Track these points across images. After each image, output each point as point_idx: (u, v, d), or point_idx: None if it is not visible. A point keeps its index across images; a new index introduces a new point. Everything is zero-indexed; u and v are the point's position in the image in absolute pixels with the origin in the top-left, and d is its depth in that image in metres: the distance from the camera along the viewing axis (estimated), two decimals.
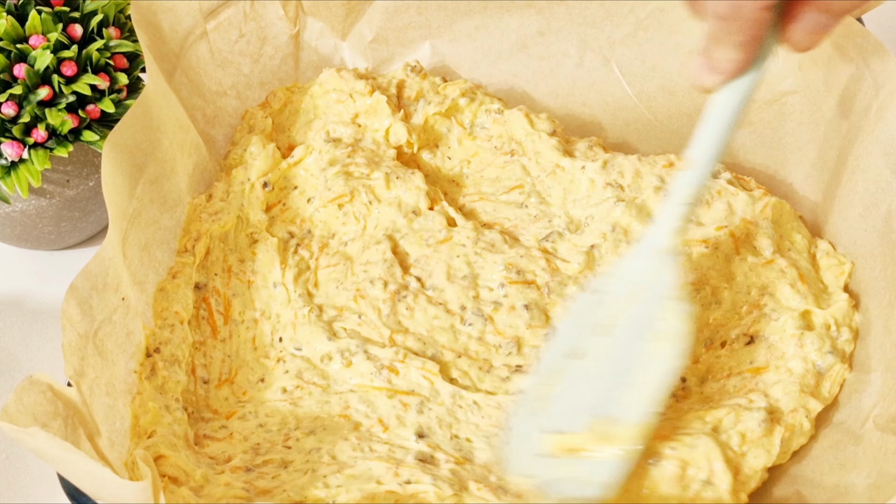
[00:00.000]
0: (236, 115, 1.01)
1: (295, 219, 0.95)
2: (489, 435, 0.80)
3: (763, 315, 0.82)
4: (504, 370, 0.84)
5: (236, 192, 0.93)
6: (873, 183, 0.83)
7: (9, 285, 1.01)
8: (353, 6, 1.04)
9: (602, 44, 1.04)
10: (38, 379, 0.68)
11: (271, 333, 0.87)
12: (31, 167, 0.88)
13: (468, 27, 1.06)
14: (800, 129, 0.96)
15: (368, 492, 0.74)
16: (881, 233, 0.82)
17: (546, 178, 0.95)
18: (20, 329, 0.98)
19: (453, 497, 0.74)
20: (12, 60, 0.88)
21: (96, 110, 0.91)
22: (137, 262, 0.83)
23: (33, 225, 0.97)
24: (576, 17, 1.04)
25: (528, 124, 0.98)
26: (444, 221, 0.92)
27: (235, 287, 0.90)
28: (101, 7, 0.92)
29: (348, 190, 0.93)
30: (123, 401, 0.77)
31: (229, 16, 0.99)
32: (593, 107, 1.05)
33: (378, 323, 0.86)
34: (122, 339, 0.78)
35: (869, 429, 0.75)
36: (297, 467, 0.77)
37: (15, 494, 0.87)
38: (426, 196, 0.93)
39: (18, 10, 0.89)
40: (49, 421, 0.67)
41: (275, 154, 0.96)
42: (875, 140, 0.83)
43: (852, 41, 0.89)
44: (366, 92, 0.98)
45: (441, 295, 0.88)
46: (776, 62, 1.01)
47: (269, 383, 0.84)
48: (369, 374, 0.83)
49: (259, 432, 0.81)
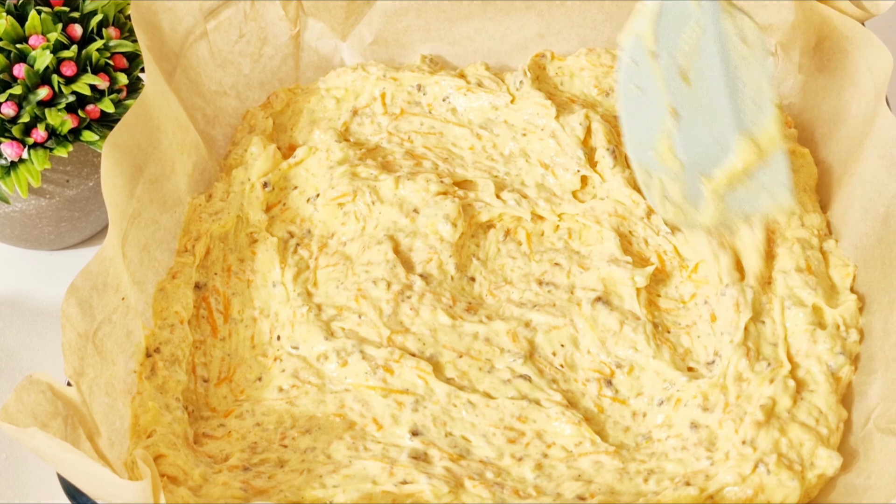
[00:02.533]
0: (236, 115, 1.01)
1: (295, 219, 0.95)
2: (487, 434, 0.80)
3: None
4: (507, 372, 0.84)
5: (236, 192, 0.93)
6: (871, 185, 0.84)
7: (9, 285, 1.01)
8: (354, 8, 1.04)
9: (602, 45, 1.05)
10: (38, 379, 0.68)
11: (270, 332, 0.88)
12: (30, 167, 0.88)
13: (468, 30, 1.06)
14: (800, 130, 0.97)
15: (365, 492, 0.75)
16: (880, 235, 0.82)
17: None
18: (20, 329, 0.98)
19: (449, 495, 0.74)
20: (12, 60, 0.88)
21: (96, 110, 0.91)
22: (137, 262, 0.83)
23: (33, 225, 0.97)
24: (575, 19, 1.05)
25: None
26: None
27: (235, 286, 0.90)
28: (101, 7, 0.92)
29: (352, 189, 0.93)
30: (123, 400, 0.77)
31: (229, 16, 0.99)
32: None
33: (378, 323, 0.86)
34: (121, 338, 0.78)
35: (870, 430, 0.75)
36: (293, 467, 0.78)
37: (15, 494, 0.87)
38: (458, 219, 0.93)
39: (18, 10, 0.89)
40: (49, 421, 0.67)
41: (275, 154, 0.96)
42: (873, 142, 0.84)
43: (854, 43, 0.89)
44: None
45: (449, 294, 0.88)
46: (776, 64, 1.01)
47: (266, 382, 0.85)
48: (364, 373, 0.83)
49: (256, 431, 0.81)
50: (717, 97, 0.81)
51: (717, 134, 0.81)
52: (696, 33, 0.80)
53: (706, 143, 0.82)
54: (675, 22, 0.80)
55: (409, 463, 0.77)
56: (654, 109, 0.82)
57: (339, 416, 0.81)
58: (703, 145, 0.82)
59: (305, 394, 0.83)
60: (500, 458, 0.79)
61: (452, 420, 0.81)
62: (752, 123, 0.81)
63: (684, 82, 0.81)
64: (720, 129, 0.81)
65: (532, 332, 0.86)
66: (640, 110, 0.82)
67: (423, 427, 0.80)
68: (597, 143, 0.96)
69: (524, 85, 1.00)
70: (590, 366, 0.84)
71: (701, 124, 0.81)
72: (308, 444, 0.80)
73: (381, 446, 0.79)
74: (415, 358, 0.83)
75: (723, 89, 0.81)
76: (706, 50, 0.80)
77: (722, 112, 0.81)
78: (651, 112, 0.82)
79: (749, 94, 0.81)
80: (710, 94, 0.81)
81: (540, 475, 0.77)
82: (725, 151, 0.81)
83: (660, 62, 0.81)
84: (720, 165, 0.82)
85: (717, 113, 0.81)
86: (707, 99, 0.81)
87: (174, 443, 0.77)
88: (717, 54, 0.80)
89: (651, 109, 0.82)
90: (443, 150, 0.99)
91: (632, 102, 0.83)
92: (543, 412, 0.81)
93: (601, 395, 0.83)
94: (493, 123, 1.00)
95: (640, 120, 0.83)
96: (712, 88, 0.81)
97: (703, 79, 0.81)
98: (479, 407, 0.81)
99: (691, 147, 0.82)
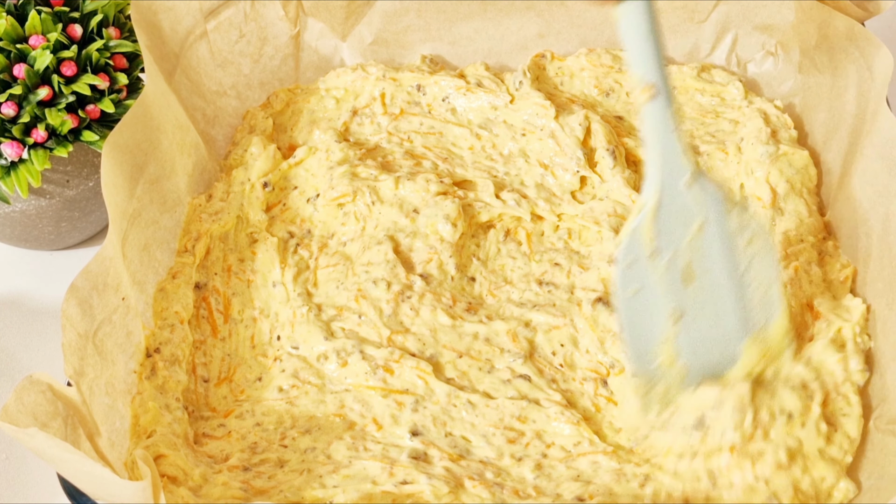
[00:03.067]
0: (236, 115, 1.01)
1: (295, 219, 0.95)
2: (487, 434, 0.80)
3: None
4: (507, 372, 0.84)
5: (236, 192, 0.93)
6: (871, 185, 0.83)
7: (9, 285, 1.01)
8: (354, 8, 1.04)
9: (602, 46, 1.05)
10: (38, 379, 0.68)
11: (270, 332, 0.88)
12: (30, 167, 0.88)
13: (468, 30, 1.06)
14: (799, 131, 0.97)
15: (365, 492, 0.75)
16: (879, 235, 0.82)
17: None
18: (20, 329, 0.97)
19: (449, 495, 0.74)
20: (12, 60, 0.88)
21: (96, 110, 0.91)
22: (137, 263, 0.83)
23: (33, 225, 0.97)
24: (575, 19, 1.05)
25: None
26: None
27: (235, 286, 0.90)
28: (101, 7, 0.92)
29: (352, 189, 0.93)
30: (123, 401, 0.77)
31: (229, 16, 0.99)
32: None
33: (378, 323, 0.86)
34: (121, 339, 0.78)
35: (869, 430, 0.75)
36: (293, 467, 0.78)
37: (15, 494, 0.86)
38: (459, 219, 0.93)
39: (18, 10, 0.89)
40: (49, 421, 0.67)
41: (275, 154, 0.96)
42: (873, 142, 0.84)
43: (854, 42, 0.89)
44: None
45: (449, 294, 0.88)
46: (776, 65, 1.01)
47: (266, 382, 0.85)
48: (364, 373, 0.83)
49: (256, 431, 0.81)
50: (723, 298, 0.76)
51: (722, 337, 0.77)
52: (697, 229, 0.75)
53: (710, 346, 0.77)
54: (676, 216, 0.75)
55: (409, 463, 0.77)
56: (656, 314, 0.77)
57: (339, 417, 0.81)
58: (708, 349, 0.77)
59: (305, 394, 0.83)
60: (499, 459, 0.79)
61: (452, 420, 0.81)
62: (761, 328, 0.77)
63: (687, 281, 0.76)
64: (726, 331, 0.76)
65: (532, 332, 0.86)
66: (640, 318, 0.77)
67: (423, 427, 0.80)
68: (597, 143, 0.96)
69: (524, 85, 1.00)
70: (588, 365, 0.84)
71: (706, 326, 0.77)
72: (308, 444, 0.80)
73: (381, 446, 0.79)
74: (415, 358, 0.83)
75: (728, 289, 0.76)
76: (709, 247, 0.75)
77: (727, 313, 0.76)
78: (652, 318, 0.77)
79: (756, 294, 0.76)
80: (714, 294, 0.76)
81: (539, 475, 0.77)
82: (731, 356, 0.77)
83: (660, 261, 0.76)
84: (726, 370, 0.77)
85: (723, 314, 0.76)
86: (711, 299, 0.76)
87: (174, 443, 0.77)
88: (720, 252, 0.75)
89: (652, 315, 0.77)
90: (442, 150, 0.99)
91: (631, 310, 0.77)
92: (543, 412, 0.81)
93: (597, 395, 0.83)
94: (493, 123, 1.00)
95: (642, 328, 0.77)
96: (717, 288, 0.76)
97: (707, 277, 0.76)
98: (479, 407, 0.81)
99: (695, 350, 0.77)
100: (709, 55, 1.05)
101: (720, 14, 1.03)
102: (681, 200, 0.74)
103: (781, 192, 0.91)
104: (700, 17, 1.04)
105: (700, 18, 1.04)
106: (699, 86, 1.02)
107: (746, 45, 1.03)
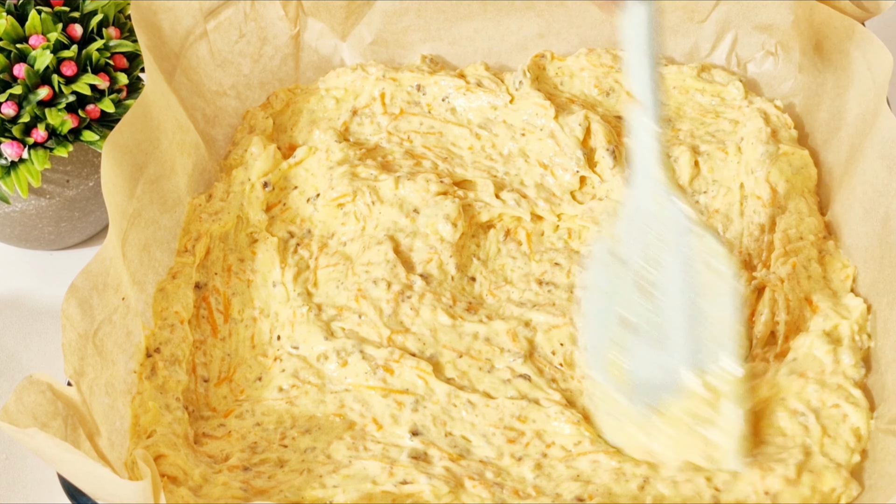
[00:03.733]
0: (236, 115, 1.01)
1: (295, 219, 0.95)
2: (487, 433, 0.80)
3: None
4: (507, 372, 0.84)
5: (236, 192, 0.93)
6: (871, 185, 0.83)
7: (9, 285, 1.01)
8: (354, 8, 1.04)
9: (602, 46, 1.05)
10: (38, 379, 0.68)
11: (270, 332, 0.88)
12: (30, 167, 0.88)
13: (468, 30, 1.06)
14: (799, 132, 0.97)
15: (365, 492, 0.75)
16: (880, 235, 0.82)
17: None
18: (20, 329, 0.98)
19: (449, 495, 0.74)
20: (12, 60, 0.88)
21: (96, 110, 0.91)
22: (137, 263, 0.83)
23: (33, 225, 0.97)
24: (575, 18, 1.05)
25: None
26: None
27: (235, 286, 0.90)
28: (101, 7, 0.92)
29: (352, 189, 0.93)
30: (123, 400, 0.77)
31: (229, 16, 0.99)
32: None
33: (378, 323, 0.86)
34: (121, 338, 0.78)
35: (870, 430, 0.75)
36: (293, 467, 0.78)
37: (15, 494, 0.86)
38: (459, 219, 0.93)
39: (18, 10, 0.89)
40: (49, 421, 0.67)
41: (275, 154, 0.96)
42: (873, 142, 0.83)
43: (854, 42, 0.89)
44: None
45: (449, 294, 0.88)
46: (776, 64, 1.02)
47: (266, 382, 0.85)
48: (364, 373, 0.83)
49: (256, 431, 0.81)
50: (672, 321, 0.73)
51: (664, 362, 0.74)
52: (657, 242, 0.74)
53: (653, 368, 0.75)
54: (645, 227, 0.74)
55: (408, 463, 0.77)
56: (612, 315, 0.76)
57: (339, 416, 0.81)
58: (650, 370, 0.75)
59: (305, 394, 0.83)
60: (499, 458, 0.79)
61: (452, 420, 0.81)
62: (707, 363, 0.73)
63: (643, 295, 0.74)
64: (669, 357, 0.74)
65: (532, 331, 0.86)
66: (602, 314, 0.77)
67: (423, 427, 0.80)
68: (596, 143, 0.96)
69: (523, 85, 1.00)
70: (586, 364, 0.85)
71: (651, 345, 0.74)
72: (308, 444, 0.80)
73: (381, 446, 0.79)
74: (415, 358, 0.83)
75: (678, 313, 0.73)
76: (668, 265, 0.74)
77: (674, 339, 0.74)
78: (609, 317, 0.76)
79: (710, 329, 0.72)
80: (664, 316, 0.74)
81: (539, 475, 0.77)
82: (673, 382, 0.74)
83: (624, 267, 0.75)
84: (665, 398, 0.74)
85: (669, 338, 0.74)
86: (661, 320, 0.74)
87: (174, 443, 0.77)
88: (678, 273, 0.73)
89: (610, 314, 0.76)
90: (442, 150, 0.99)
91: (595, 304, 0.77)
92: (543, 412, 0.81)
93: None
94: (493, 123, 1.00)
95: (601, 323, 0.77)
96: (668, 309, 0.74)
97: (664, 297, 0.74)
98: (479, 407, 0.81)
99: (639, 367, 0.76)
100: (709, 55, 1.05)
101: (720, 14, 1.03)
102: (651, 212, 0.75)
103: (781, 191, 0.91)
104: (700, 17, 1.04)
105: (700, 18, 1.04)
106: (699, 86, 1.02)
107: (746, 44, 1.03)
